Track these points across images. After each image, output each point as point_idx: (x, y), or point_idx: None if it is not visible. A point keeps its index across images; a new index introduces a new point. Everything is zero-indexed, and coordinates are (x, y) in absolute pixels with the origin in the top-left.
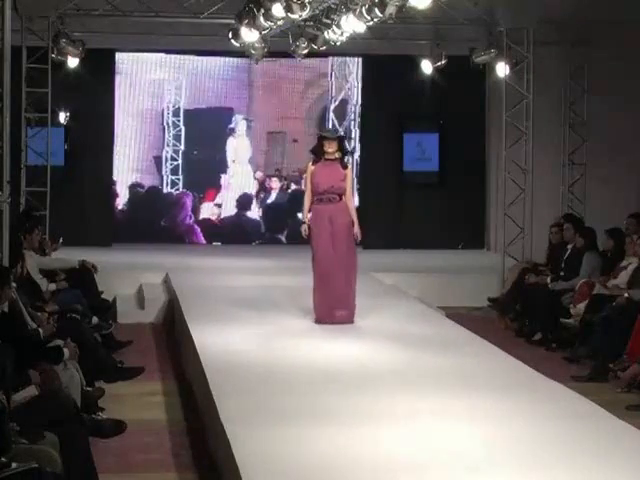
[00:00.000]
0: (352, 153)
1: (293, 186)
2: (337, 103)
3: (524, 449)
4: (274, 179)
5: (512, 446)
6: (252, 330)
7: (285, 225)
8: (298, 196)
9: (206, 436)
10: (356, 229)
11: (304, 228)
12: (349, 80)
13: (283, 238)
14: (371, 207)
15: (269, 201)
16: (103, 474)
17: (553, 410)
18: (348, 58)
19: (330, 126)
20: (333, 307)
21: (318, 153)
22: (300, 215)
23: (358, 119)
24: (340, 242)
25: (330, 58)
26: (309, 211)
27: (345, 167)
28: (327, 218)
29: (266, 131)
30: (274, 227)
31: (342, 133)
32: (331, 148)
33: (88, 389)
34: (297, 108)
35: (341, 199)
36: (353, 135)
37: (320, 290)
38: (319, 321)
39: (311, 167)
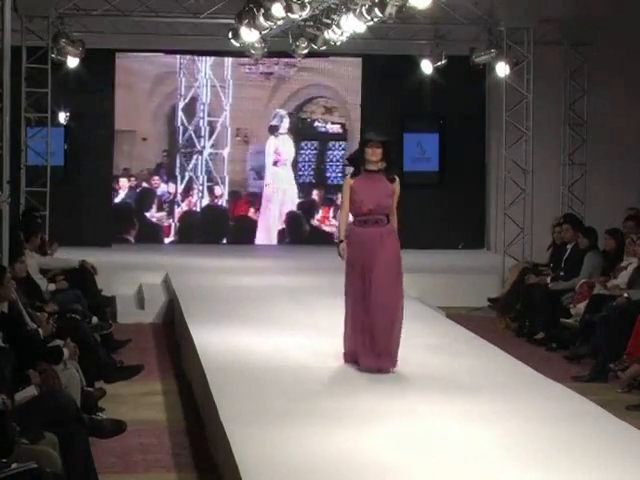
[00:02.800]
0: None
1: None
2: (187, 101)
3: (524, 449)
4: (122, 179)
5: (512, 446)
6: (252, 330)
7: (133, 226)
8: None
9: (206, 436)
10: None
11: (342, 247)
12: (197, 78)
13: (132, 239)
14: None
15: (117, 200)
16: (103, 474)
17: (553, 410)
18: (196, 57)
19: (179, 123)
20: (367, 352)
21: (358, 163)
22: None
23: (207, 118)
24: (384, 275)
25: (179, 56)
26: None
27: (392, 180)
28: (371, 245)
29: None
30: (122, 228)
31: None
32: (375, 156)
33: (88, 389)
34: (145, 106)
35: (389, 221)
36: (203, 133)
37: (352, 329)
38: (347, 359)
39: (350, 181)
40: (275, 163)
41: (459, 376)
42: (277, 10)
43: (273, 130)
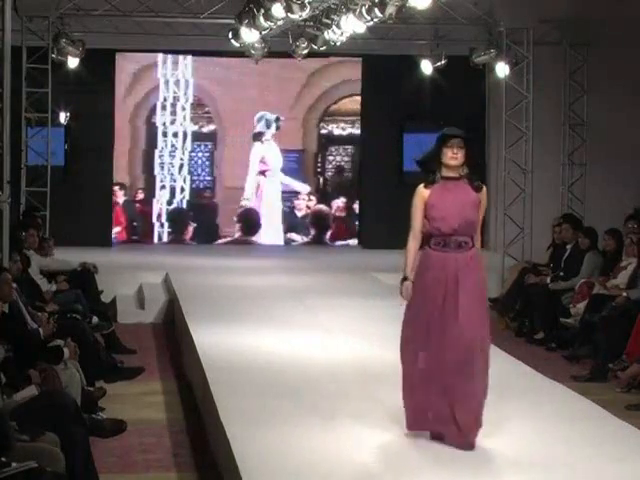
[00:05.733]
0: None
1: None
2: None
3: (524, 449)
4: None
5: (512, 446)
6: (251, 331)
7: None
8: None
9: (206, 436)
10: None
11: (406, 286)
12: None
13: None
14: (371, 207)
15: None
16: (103, 474)
17: (553, 410)
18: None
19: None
20: (446, 421)
21: (434, 168)
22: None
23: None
24: (467, 315)
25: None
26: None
27: (479, 188)
28: (453, 276)
29: None
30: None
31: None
32: (455, 159)
33: (89, 389)
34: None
35: (473, 245)
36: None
37: (420, 390)
38: (412, 427)
39: (424, 192)
40: (262, 173)
41: None
42: (277, 10)
43: (258, 136)
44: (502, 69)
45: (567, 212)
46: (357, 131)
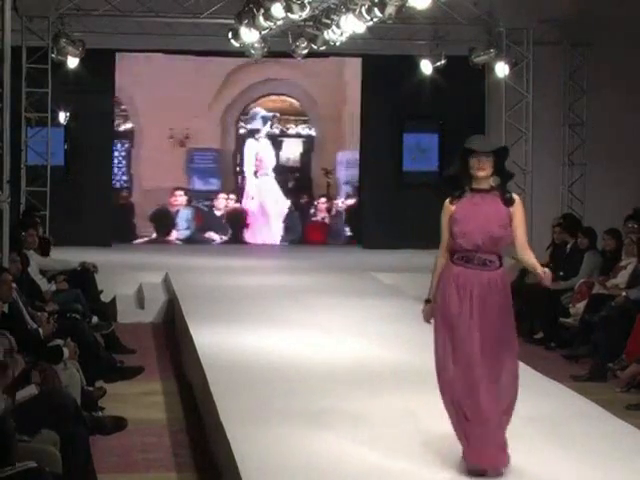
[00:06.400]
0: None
1: None
2: None
3: (522, 448)
4: None
5: (511, 445)
6: (251, 330)
7: None
8: None
9: (206, 436)
10: (540, 269)
11: (427, 310)
12: None
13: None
14: (371, 207)
15: None
16: (103, 473)
17: (552, 409)
18: None
19: None
20: (472, 444)
21: (461, 181)
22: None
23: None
24: (491, 337)
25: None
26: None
27: (510, 202)
28: (475, 294)
29: None
30: None
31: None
32: (483, 171)
33: (89, 388)
34: None
35: (500, 265)
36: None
37: (457, 420)
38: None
39: (449, 207)
40: (255, 173)
41: None
42: (277, 10)
43: (253, 134)
44: (502, 69)
45: (567, 212)
46: (276, 130)
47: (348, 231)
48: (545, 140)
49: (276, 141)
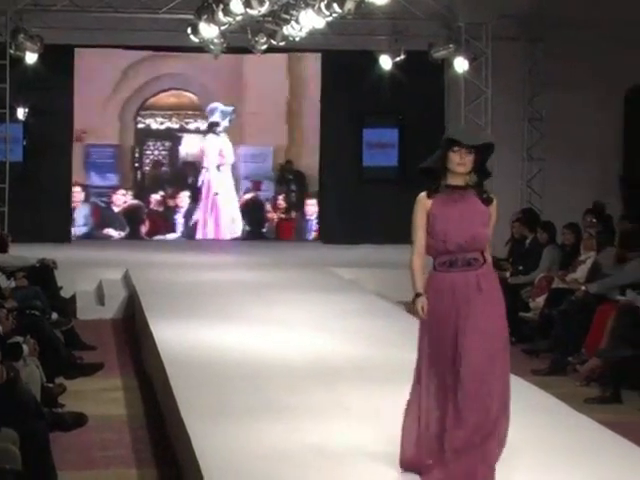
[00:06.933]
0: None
1: None
2: None
3: None
4: None
5: None
6: (211, 326)
7: None
8: None
9: (166, 431)
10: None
11: (421, 302)
12: None
13: None
14: (331, 203)
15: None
16: (63, 470)
17: (512, 403)
18: None
19: None
20: (454, 456)
21: (438, 175)
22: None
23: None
24: (483, 341)
25: None
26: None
27: (489, 202)
28: (463, 298)
29: None
30: None
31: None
32: (463, 166)
33: (49, 385)
34: None
35: (485, 261)
36: None
37: (425, 427)
38: (406, 467)
39: (426, 201)
40: (217, 167)
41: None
42: (236, 6)
43: (212, 127)
44: (461, 64)
45: (526, 207)
46: (175, 125)
47: (246, 225)
48: (504, 135)
49: (175, 136)
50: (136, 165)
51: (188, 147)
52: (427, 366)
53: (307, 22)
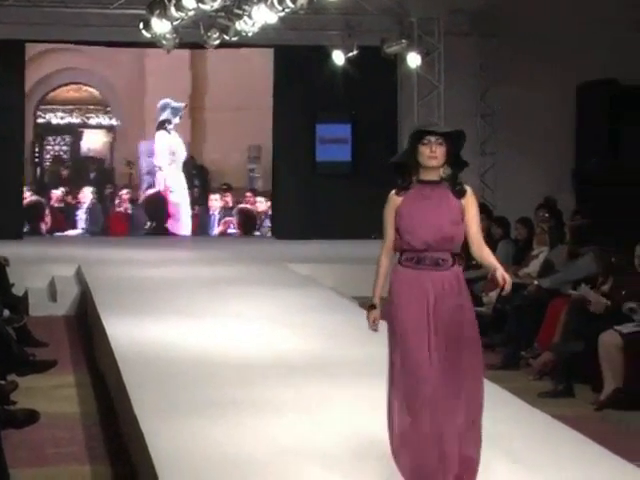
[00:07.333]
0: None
1: None
2: None
3: None
4: None
5: None
6: (165, 322)
7: None
8: None
9: (120, 428)
10: (499, 273)
11: (374, 315)
12: None
13: None
14: (285, 198)
15: None
16: (15, 468)
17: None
18: None
19: None
20: (431, 469)
21: (408, 169)
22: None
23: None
24: (450, 346)
25: None
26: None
27: (461, 194)
28: (425, 296)
29: None
30: None
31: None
32: (435, 159)
33: (0, 382)
34: None
35: (454, 263)
36: None
37: (405, 433)
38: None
39: (395, 199)
40: (170, 164)
41: (370, 365)
42: (188, 1)
43: (163, 125)
44: (413, 59)
45: (480, 202)
46: (76, 120)
47: (148, 221)
48: None
49: (76, 132)
50: (36, 161)
51: (90, 142)
52: (397, 371)
53: (260, 17)
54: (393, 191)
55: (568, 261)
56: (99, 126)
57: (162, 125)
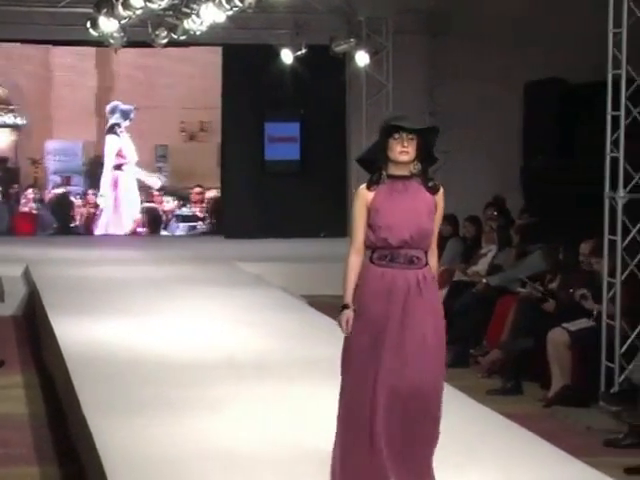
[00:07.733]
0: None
1: None
2: None
3: None
4: None
5: None
6: (113, 321)
7: None
8: None
9: (68, 429)
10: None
11: (347, 316)
12: None
13: None
14: (233, 197)
15: None
16: None
17: None
18: None
19: None
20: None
21: (378, 164)
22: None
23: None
24: (423, 352)
25: None
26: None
27: (435, 190)
28: (402, 298)
29: None
30: None
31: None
32: (406, 155)
33: None
34: None
35: (427, 262)
36: None
37: (350, 448)
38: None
39: (366, 194)
40: (118, 167)
41: (319, 363)
42: None
43: (113, 129)
44: (362, 58)
45: None
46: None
47: (54, 221)
48: None
49: None
50: None
51: None
52: (353, 376)
53: (208, 16)
54: (363, 186)
55: (516, 260)
56: (3, 125)
57: (112, 129)
